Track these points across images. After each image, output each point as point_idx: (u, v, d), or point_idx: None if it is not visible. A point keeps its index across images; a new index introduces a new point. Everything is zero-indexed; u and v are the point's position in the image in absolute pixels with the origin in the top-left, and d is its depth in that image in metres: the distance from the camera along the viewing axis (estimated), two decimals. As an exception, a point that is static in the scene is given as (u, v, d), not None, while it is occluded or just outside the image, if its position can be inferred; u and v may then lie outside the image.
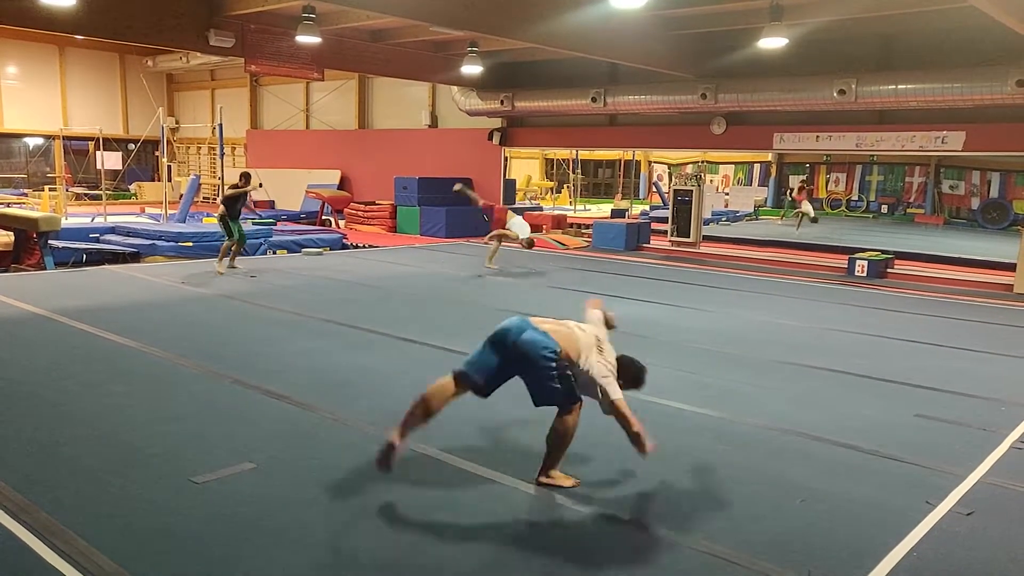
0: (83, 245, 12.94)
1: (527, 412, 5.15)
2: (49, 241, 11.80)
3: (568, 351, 3.83)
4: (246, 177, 10.86)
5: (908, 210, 24.17)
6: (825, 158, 24.99)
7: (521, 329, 3.87)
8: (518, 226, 11.52)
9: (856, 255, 12.68)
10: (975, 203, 23.02)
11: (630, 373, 4.04)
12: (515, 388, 5.73)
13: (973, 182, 23.10)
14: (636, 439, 3.82)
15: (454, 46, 14.58)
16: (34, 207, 17.43)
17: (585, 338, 3.94)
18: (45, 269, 11.38)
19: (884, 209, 24.80)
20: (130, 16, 10.86)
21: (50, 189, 19.62)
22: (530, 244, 11.61)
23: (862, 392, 5.89)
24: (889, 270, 12.51)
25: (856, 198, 25.41)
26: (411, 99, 19.51)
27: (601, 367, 3.84)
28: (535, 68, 15.94)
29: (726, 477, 4.18)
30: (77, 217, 16.57)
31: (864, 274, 12.28)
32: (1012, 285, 11.09)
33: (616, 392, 3.83)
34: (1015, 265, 11.19)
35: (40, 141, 24.97)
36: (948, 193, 23.64)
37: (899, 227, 21.20)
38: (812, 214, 20.21)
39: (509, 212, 12.05)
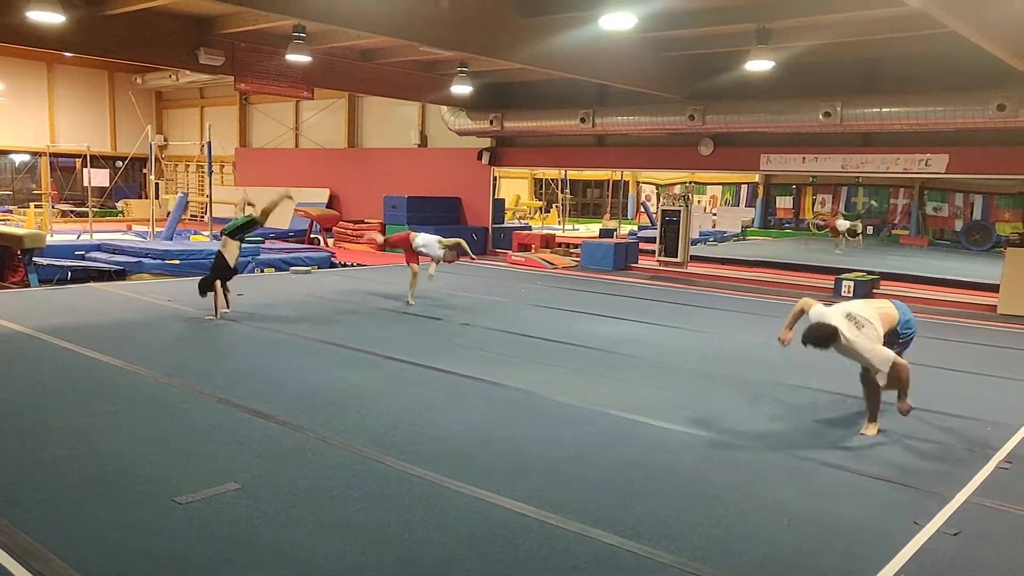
0: (68, 262, 12.83)
1: (521, 433, 5.14)
2: (34, 258, 11.70)
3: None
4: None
5: (893, 231, 24.39)
6: (811, 179, 25.21)
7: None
8: (431, 245, 10.20)
9: (843, 276, 12.76)
10: (959, 225, 23.26)
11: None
12: (510, 413, 5.71)
13: (957, 204, 23.36)
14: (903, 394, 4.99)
15: (444, 66, 14.66)
16: (19, 224, 17.32)
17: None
18: (29, 287, 11.27)
19: (870, 230, 25.00)
20: (119, 34, 10.86)
21: (35, 206, 19.49)
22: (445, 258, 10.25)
23: (849, 412, 5.90)
24: (875, 291, 12.59)
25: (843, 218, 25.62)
26: (401, 118, 19.58)
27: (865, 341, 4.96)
28: (524, 88, 16.05)
29: (713, 497, 4.17)
30: (62, 234, 16.45)
31: (851, 295, 12.34)
32: (996, 306, 11.19)
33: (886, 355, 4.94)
34: (998, 286, 11.30)
35: (26, 158, 24.84)
36: (932, 215, 23.89)
37: (884, 248, 21.36)
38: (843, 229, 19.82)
39: (411, 234, 10.51)
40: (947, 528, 3.85)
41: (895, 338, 5.24)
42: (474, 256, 10.87)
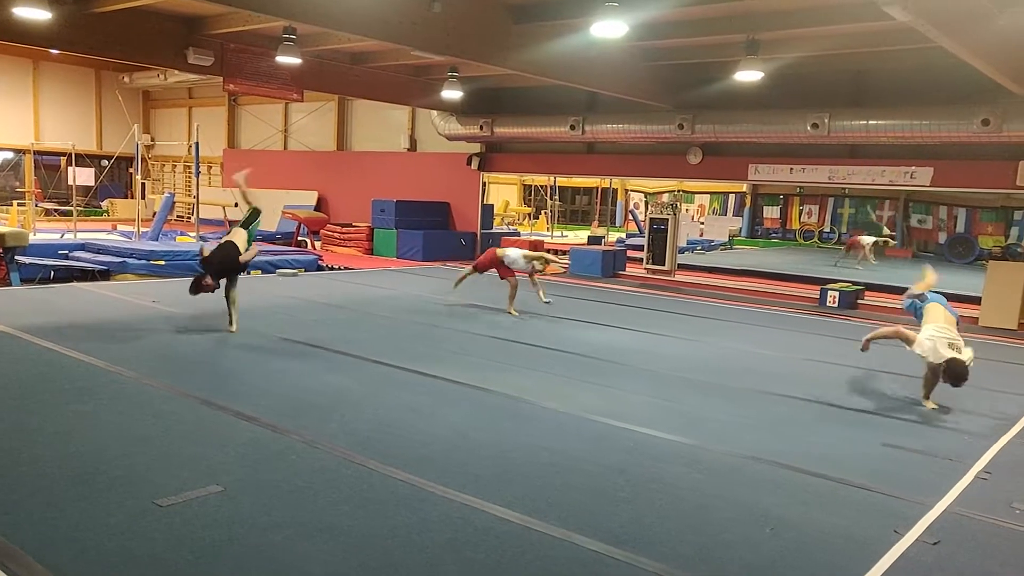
0: (51, 262, 12.73)
1: (507, 438, 5.13)
2: (16, 257, 11.59)
3: None
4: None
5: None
6: (798, 190, 25.42)
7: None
8: (517, 260, 10.21)
9: (828, 286, 12.84)
10: (942, 237, 23.51)
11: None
12: (496, 418, 5.71)
13: (940, 217, 23.61)
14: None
15: (434, 71, 14.68)
16: (1, 222, 17.15)
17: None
18: (11, 285, 11.17)
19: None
20: (107, 32, 10.81)
21: (19, 204, 19.32)
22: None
23: (831, 421, 5.95)
24: (860, 301, 12.68)
25: (828, 230, 25.83)
26: (390, 122, 19.57)
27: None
28: (515, 94, 16.09)
29: (697, 505, 4.18)
30: (46, 233, 16.31)
31: (836, 305, 12.44)
32: (977, 318, 11.29)
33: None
34: (980, 299, 11.41)
35: (10, 155, 24.62)
36: (916, 227, 24.13)
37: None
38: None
39: (497, 251, 10.48)
40: (927, 537, 3.87)
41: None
42: (563, 266, 10.71)
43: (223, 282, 7.98)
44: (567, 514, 3.94)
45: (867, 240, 19.06)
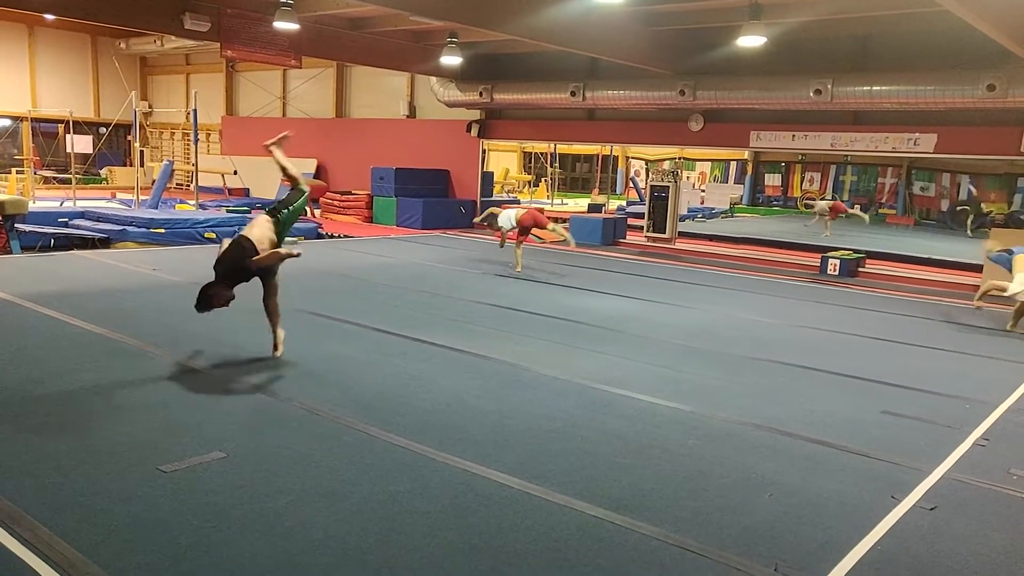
0: (51, 229, 12.70)
1: (507, 405, 5.16)
2: (16, 225, 11.56)
3: None
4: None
5: (880, 210, 24.49)
6: (800, 157, 25.23)
7: None
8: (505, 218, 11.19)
9: (829, 254, 12.84)
10: (945, 205, 23.38)
11: None
12: (497, 385, 5.73)
13: (944, 184, 23.46)
14: None
15: (434, 36, 14.49)
16: (1, 190, 17.08)
17: None
18: (11, 253, 11.15)
19: (857, 209, 25.09)
20: (103, -4, 10.67)
21: (17, 172, 19.22)
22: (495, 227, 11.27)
23: (831, 389, 5.97)
24: (861, 269, 12.68)
25: (830, 197, 25.68)
26: (389, 88, 19.37)
27: None
28: (515, 60, 15.90)
29: (696, 471, 4.21)
30: (45, 201, 16.25)
31: (836, 273, 12.44)
32: (979, 286, 11.27)
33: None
34: (982, 267, 11.38)
35: (7, 123, 24.43)
36: (919, 195, 23.99)
37: (871, 227, 21.46)
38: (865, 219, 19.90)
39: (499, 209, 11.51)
40: (924, 503, 3.91)
41: None
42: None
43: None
44: (567, 480, 3.98)
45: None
